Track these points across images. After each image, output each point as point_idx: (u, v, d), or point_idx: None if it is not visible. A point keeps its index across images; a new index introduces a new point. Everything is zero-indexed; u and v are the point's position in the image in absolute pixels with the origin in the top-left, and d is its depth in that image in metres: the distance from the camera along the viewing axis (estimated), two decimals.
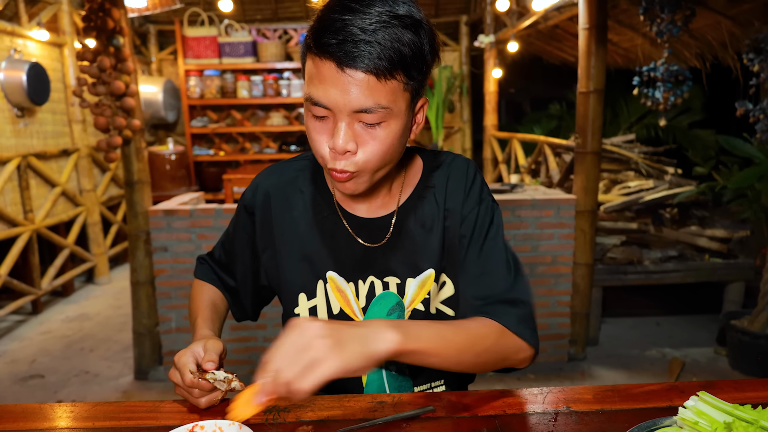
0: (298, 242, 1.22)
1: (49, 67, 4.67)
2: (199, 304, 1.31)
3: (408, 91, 1.00)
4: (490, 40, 6.29)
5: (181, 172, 6.60)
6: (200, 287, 1.37)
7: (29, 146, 4.56)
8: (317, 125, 1.02)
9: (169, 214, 3.27)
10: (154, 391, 3.37)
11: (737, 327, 3.49)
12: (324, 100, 0.97)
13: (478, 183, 1.22)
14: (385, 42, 0.92)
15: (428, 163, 1.25)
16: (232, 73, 6.85)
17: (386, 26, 0.93)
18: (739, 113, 3.66)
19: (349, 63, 0.93)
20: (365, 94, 0.95)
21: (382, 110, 0.97)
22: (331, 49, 0.93)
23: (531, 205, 3.39)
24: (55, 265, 4.85)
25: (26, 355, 3.91)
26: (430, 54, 1.01)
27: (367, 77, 0.94)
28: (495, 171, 6.77)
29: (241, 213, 1.30)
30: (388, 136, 1.00)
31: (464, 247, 1.17)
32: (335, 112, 0.97)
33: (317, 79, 0.97)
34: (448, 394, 1.10)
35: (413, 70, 0.98)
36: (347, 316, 1.21)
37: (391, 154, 1.04)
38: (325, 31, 0.94)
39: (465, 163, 1.24)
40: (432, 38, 1.01)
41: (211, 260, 1.39)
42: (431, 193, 1.21)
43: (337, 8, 0.95)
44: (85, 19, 3.03)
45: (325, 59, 0.95)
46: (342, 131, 0.98)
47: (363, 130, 0.99)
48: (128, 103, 3.15)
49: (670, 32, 3.51)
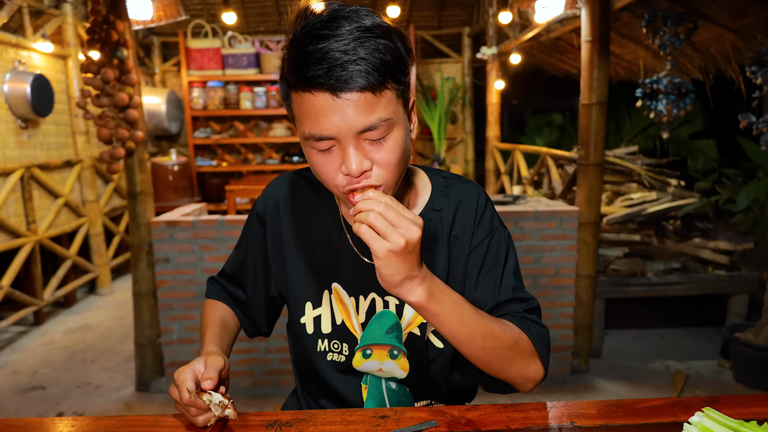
0: (306, 252, 1.23)
1: (53, 78, 4.70)
2: (208, 321, 1.31)
3: (400, 96, 1.01)
4: (492, 52, 6.31)
5: (183, 182, 6.61)
6: (210, 306, 1.37)
7: (32, 157, 4.57)
8: (324, 160, 1.01)
9: (171, 226, 3.27)
10: (155, 402, 3.35)
11: (741, 340, 3.46)
12: (326, 131, 0.96)
13: (489, 212, 1.21)
14: (368, 56, 0.93)
15: (437, 185, 1.24)
16: (235, 85, 6.88)
17: (362, 41, 0.93)
18: (742, 126, 3.66)
19: (343, 87, 0.92)
20: (365, 112, 0.94)
21: (385, 123, 0.97)
22: (320, 80, 0.92)
23: (534, 217, 3.38)
24: (57, 276, 4.84)
25: (28, 366, 3.90)
26: (407, 54, 1.02)
27: (364, 95, 0.94)
28: (497, 182, 6.77)
29: (252, 222, 1.31)
30: (396, 144, 1.00)
31: (473, 278, 1.17)
32: (340, 138, 0.97)
33: (312, 114, 0.96)
34: (451, 409, 1.10)
35: (399, 74, 0.99)
36: (347, 329, 1.21)
37: (403, 160, 1.04)
38: (306, 65, 0.93)
39: (475, 190, 1.23)
40: (403, 39, 1.01)
41: (221, 278, 1.40)
42: (438, 216, 1.20)
43: (307, 40, 0.94)
44: (90, 32, 3.04)
45: (316, 92, 0.94)
46: (353, 155, 0.97)
47: (372, 147, 0.99)
48: (131, 115, 3.16)
49: (673, 45, 3.52)
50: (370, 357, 1.20)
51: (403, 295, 0.94)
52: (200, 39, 6.72)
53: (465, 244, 1.18)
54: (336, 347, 1.22)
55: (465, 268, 1.19)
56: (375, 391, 1.24)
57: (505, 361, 1.06)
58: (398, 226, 0.89)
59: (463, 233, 1.18)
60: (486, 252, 1.18)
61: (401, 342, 1.20)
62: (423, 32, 7.52)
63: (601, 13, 3.30)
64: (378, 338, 1.20)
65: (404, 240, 0.89)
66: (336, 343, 1.22)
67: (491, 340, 1.02)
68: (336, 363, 1.23)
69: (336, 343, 1.22)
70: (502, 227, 1.21)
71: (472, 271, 1.18)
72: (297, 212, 1.25)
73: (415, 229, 0.90)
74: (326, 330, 1.23)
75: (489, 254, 1.18)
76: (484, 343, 1.02)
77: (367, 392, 1.24)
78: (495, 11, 6.11)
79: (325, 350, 1.23)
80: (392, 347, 1.20)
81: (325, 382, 1.25)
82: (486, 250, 1.18)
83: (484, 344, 1.02)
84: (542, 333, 1.12)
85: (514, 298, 1.15)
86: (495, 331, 1.03)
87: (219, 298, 1.37)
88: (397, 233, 0.89)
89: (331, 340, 1.22)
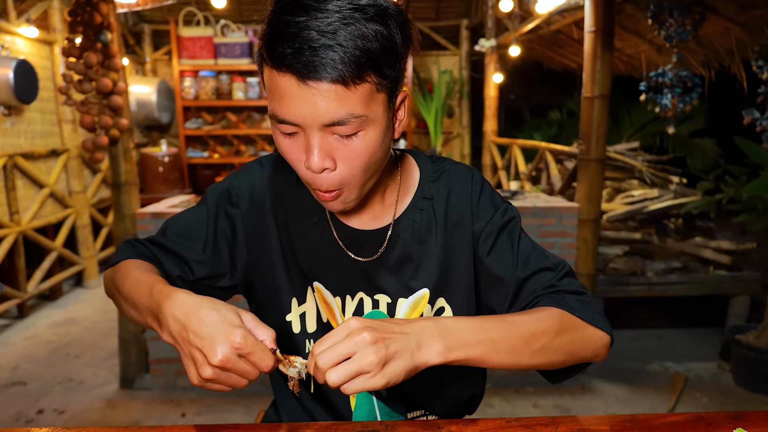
0: (288, 243, 1.10)
1: (38, 65, 4.56)
2: (148, 278, 0.97)
3: (383, 90, 0.87)
4: (491, 44, 6.20)
5: (174, 174, 6.48)
6: (134, 265, 1.03)
7: (16, 146, 4.43)
8: (288, 143, 0.90)
9: (157, 217, 3.15)
10: (139, 400, 3.24)
11: (743, 342, 3.38)
12: (289, 117, 0.85)
13: (487, 192, 1.10)
14: (347, 43, 0.80)
15: (425, 171, 1.12)
16: (227, 75, 6.74)
17: (347, 23, 0.80)
18: (746, 122, 3.58)
19: (311, 74, 0.80)
20: (334, 105, 0.82)
21: (357, 119, 0.85)
22: (287, 60, 0.80)
23: (532, 213, 3.28)
24: (42, 268, 4.72)
25: (9, 361, 3.78)
26: (403, 43, 0.88)
27: (334, 87, 0.81)
28: (494, 177, 6.68)
29: (221, 199, 1.11)
30: (368, 146, 0.88)
31: (492, 262, 1.06)
32: (304, 128, 0.86)
33: (278, 93, 0.85)
34: (448, 423, 0.99)
35: (385, 66, 0.85)
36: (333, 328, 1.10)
37: (375, 163, 0.92)
38: (278, 38, 0.81)
39: (467, 172, 1.11)
40: (404, 24, 0.88)
41: (150, 244, 1.11)
42: (429, 205, 1.08)
43: (288, 7, 0.82)
44: (72, 14, 2.92)
45: (282, 72, 0.82)
46: (315, 148, 0.87)
47: (339, 143, 0.88)
48: (116, 102, 3.04)
49: (680, 37, 3.42)
50: None
51: (421, 367, 0.83)
52: (192, 27, 6.58)
53: (466, 232, 1.07)
54: None
55: (470, 258, 1.08)
56: (364, 399, 1.14)
57: (563, 352, 0.94)
58: (337, 353, 0.79)
59: (460, 221, 1.07)
60: (497, 232, 1.06)
61: None
62: (420, 24, 7.40)
63: (605, 2, 3.20)
64: None
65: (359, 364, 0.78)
66: None
67: (536, 340, 0.90)
68: None
69: None
70: (506, 203, 1.10)
71: (487, 255, 1.06)
72: (281, 199, 1.12)
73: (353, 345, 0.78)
74: (311, 329, 1.12)
75: (501, 233, 1.06)
76: (531, 347, 0.90)
77: (356, 399, 1.14)
78: (494, 2, 6.00)
79: None
80: None
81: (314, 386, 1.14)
82: (497, 231, 1.06)
83: (531, 349, 0.90)
84: (583, 300, 0.99)
85: (542, 269, 1.04)
86: (534, 329, 0.91)
87: (148, 260, 1.07)
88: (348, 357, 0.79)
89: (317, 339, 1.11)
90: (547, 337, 0.91)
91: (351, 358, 0.78)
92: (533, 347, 0.90)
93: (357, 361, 0.77)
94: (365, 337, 0.78)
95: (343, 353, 0.78)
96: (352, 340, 0.78)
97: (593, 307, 0.99)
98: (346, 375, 0.77)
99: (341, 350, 0.78)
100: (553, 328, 0.92)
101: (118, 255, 1.08)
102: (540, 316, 0.94)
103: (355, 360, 0.77)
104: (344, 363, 0.78)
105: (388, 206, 1.10)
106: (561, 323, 0.94)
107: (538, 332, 0.91)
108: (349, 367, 0.77)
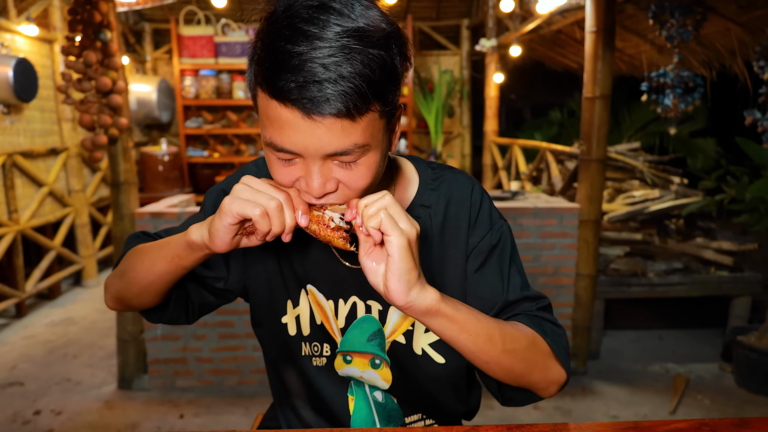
0: (283, 247, 1.09)
1: (38, 63, 4.54)
2: (158, 242, 1.02)
3: (384, 116, 0.86)
4: (491, 44, 6.18)
5: (174, 173, 6.46)
6: (144, 244, 1.07)
7: (15, 144, 4.42)
8: (283, 169, 0.88)
9: (156, 217, 3.13)
10: (137, 401, 3.22)
11: (744, 343, 3.36)
12: (290, 147, 0.83)
13: (486, 207, 1.08)
14: (352, 76, 0.77)
15: (424, 178, 1.10)
16: (228, 74, 6.73)
17: (350, 53, 0.78)
18: (747, 122, 3.56)
19: (316, 110, 0.78)
20: (338, 137, 0.81)
21: (360, 149, 0.84)
22: (291, 95, 0.78)
23: (533, 214, 3.27)
24: (40, 267, 4.70)
25: (6, 361, 3.76)
26: (401, 64, 0.87)
27: (340, 121, 0.80)
28: (495, 177, 6.66)
29: (217, 201, 1.11)
30: (369, 169, 0.88)
31: (477, 279, 1.06)
32: (305, 157, 0.84)
33: (277, 124, 0.82)
34: (448, 429, 0.97)
35: (388, 93, 0.84)
36: (327, 331, 1.09)
37: (376, 180, 0.92)
38: (279, 69, 0.78)
39: (468, 183, 1.09)
40: (401, 44, 0.86)
41: (155, 235, 1.15)
42: (426, 213, 1.07)
43: (286, 32, 0.79)
44: (72, 12, 2.90)
45: (285, 105, 0.80)
46: (316, 175, 0.85)
47: (340, 168, 0.86)
48: (115, 101, 3.02)
49: (681, 37, 3.40)
50: (350, 363, 1.09)
51: (415, 300, 0.85)
52: (193, 26, 6.56)
53: (461, 245, 1.06)
54: (316, 349, 1.11)
55: (464, 270, 1.07)
56: (362, 404, 1.13)
57: (528, 364, 0.96)
58: (405, 218, 0.84)
59: (457, 232, 1.06)
60: (489, 251, 1.06)
61: (384, 351, 1.09)
62: (421, 23, 7.38)
63: (606, 2, 3.18)
64: (359, 345, 1.08)
65: (415, 230, 0.83)
66: (316, 345, 1.11)
67: (510, 341, 0.93)
68: (320, 368, 1.11)
69: (316, 345, 1.11)
70: (502, 221, 1.10)
71: (475, 272, 1.06)
72: None
73: (414, 223, 0.85)
74: (306, 331, 1.11)
75: (493, 253, 1.06)
76: (504, 344, 0.92)
77: (354, 404, 1.12)
78: (495, 2, 5.98)
79: (310, 354, 1.11)
80: (374, 356, 1.09)
81: (312, 389, 1.13)
82: (489, 249, 1.06)
83: (504, 346, 0.92)
84: (558, 333, 1.02)
85: (524, 297, 1.05)
86: (510, 332, 0.94)
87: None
88: (410, 222, 0.84)
89: (311, 341, 1.11)
90: (519, 344, 0.95)
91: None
92: (506, 345, 0.93)
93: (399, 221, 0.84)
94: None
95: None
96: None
97: (563, 344, 1.01)
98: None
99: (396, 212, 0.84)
100: (527, 340, 0.96)
101: (124, 248, 1.11)
102: (518, 327, 0.98)
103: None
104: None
105: None
106: (534, 341, 0.97)
107: (514, 336, 0.94)
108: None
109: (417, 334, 1.08)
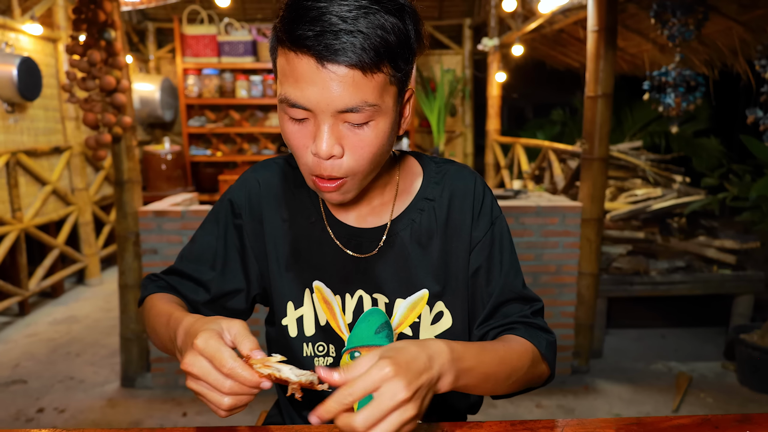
0: (287, 246, 1.11)
1: (42, 62, 4.56)
2: (167, 307, 1.01)
3: (395, 83, 0.90)
4: (494, 44, 6.18)
5: (177, 172, 6.47)
6: (156, 299, 1.07)
7: (19, 143, 4.43)
8: (296, 129, 0.91)
9: (159, 215, 3.14)
10: (140, 399, 3.23)
11: (747, 342, 3.37)
12: (303, 101, 0.86)
13: (489, 201, 1.11)
14: (368, 30, 0.81)
15: (428, 172, 1.12)
16: (231, 73, 6.73)
17: (367, 12, 0.82)
18: (749, 121, 3.55)
19: (331, 57, 0.81)
20: (350, 91, 0.84)
21: (370, 108, 0.86)
22: (308, 42, 0.81)
23: (535, 212, 3.27)
24: (43, 265, 4.72)
25: (10, 359, 3.77)
26: (416, 40, 0.91)
27: (352, 72, 0.83)
28: (497, 176, 6.67)
29: (226, 212, 1.13)
30: (377, 137, 0.90)
31: (480, 274, 1.09)
32: (317, 113, 0.86)
33: (293, 77, 0.86)
34: (452, 426, 0.98)
35: (400, 60, 0.88)
36: (332, 330, 1.10)
37: (381, 155, 0.94)
38: (298, 21, 0.82)
39: (471, 177, 1.12)
40: (416, 22, 0.91)
41: (168, 275, 1.14)
42: (430, 206, 1.09)
43: None
44: (76, 11, 2.91)
45: (301, 54, 0.83)
46: (325, 134, 0.87)
47: (349, 131, 0.89)
48: (119, 100, 3.03)
49: (683, 36, 3.40)
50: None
51: (437, 389, 0.79)
52: (196, 25, 6.57)
53: (464, 238, 1.08)
54: (321, 350, 1.11)
55: (467, 263, 1.09)
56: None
57: (525, 383, 1.02)
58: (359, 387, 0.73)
59: (460, 225, 1.08)
60: (491, 246, 1.09)
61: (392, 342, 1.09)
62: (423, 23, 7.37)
63: (608, 2, 3.19)
64: (367, 339, 1.09)
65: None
66: (321, 345, 1.11)
67: (514, 376, 0.97)
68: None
69: (321, 345, 1.11)
70: (501, 215, 1.12)
71: (478, 266, 1.09)
72: (278, 203, 1.13)
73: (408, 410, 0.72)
74: (309, 332, 1.11)
75: (494, 248, 1.09)
76: (508, 381, 0.96)
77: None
78: (497, 1, 5.97)
79: (312, 355, 1.11)
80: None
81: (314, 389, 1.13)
82: (491, 244, 1.09)
83: (507, 383, 0.96)
84: (551, 342, 1.06)
85: (519, 297, 1.08)
86: (515, 365, 0.97)
87: (169, 292, 1.12)
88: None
89: (315, 342, 1.11)
90: (521, 373, 0.97)
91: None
92: (509, 381, 0.96)
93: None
94: (397, 394, 0.72)
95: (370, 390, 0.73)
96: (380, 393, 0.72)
97: (554, 349, 1.06)
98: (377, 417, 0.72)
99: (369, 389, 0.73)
100: (527, 365, 0.99)
101: (142, 293, 1.13)
102: (521, 353, 0.98)
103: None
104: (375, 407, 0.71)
105: (385, 204, 1.10)
106: (532, 360, 1.00)
107: (517, 368, 0.96)
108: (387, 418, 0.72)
109: (423, 326, 1.09)
